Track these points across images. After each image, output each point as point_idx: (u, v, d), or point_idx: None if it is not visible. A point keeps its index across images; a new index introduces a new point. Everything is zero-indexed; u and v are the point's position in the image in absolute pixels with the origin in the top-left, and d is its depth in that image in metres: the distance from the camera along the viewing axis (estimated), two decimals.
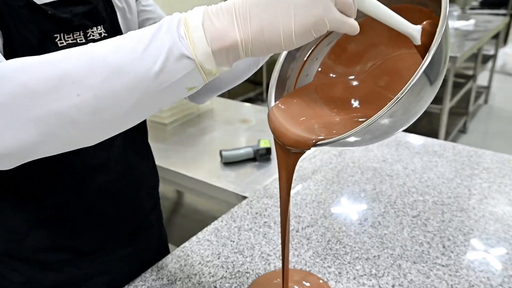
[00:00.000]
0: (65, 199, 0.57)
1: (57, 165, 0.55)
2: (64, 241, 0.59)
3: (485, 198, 0.88)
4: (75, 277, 0.61)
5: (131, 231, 0.66)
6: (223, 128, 1.34)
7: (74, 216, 0.58)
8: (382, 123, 0.41)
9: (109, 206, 0.61)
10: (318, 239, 0.76)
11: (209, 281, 0.67)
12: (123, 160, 0.61)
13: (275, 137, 0.49)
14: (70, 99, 0.32)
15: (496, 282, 0.65)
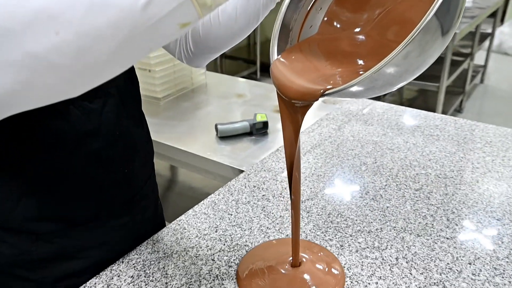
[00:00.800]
0: (54, 167, 0.54)
1: (45, 131, 0.51)
2: (55, 211, 0.56)
3: (489, 171, 0.86)
4: (67, 248, 0.58)
5: (125, 201, 0.63)
6: (218, 103, 1.30)
7: (65, 185, 0.55)
8: (391, 70, 0.39)
9: (101, 174, 0.58)
10: (318, 212, 0.74)
11: (207, 254, 0.64)
12: (116, 126, 0.58)
13: (279, 92, 0.46)
14: (48, 38, 0.28)
15: (502, 254, 0.63)
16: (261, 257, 0.64)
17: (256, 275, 0.60)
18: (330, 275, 0.61)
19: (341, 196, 0.78)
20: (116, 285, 0.58)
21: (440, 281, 0.59)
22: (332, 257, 0.64)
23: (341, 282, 0.59)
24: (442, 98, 2.48)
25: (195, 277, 0.60)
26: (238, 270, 0.61)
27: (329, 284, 0.59)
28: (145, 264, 0.62)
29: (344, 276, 0.60)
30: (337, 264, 0.62)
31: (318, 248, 0.66)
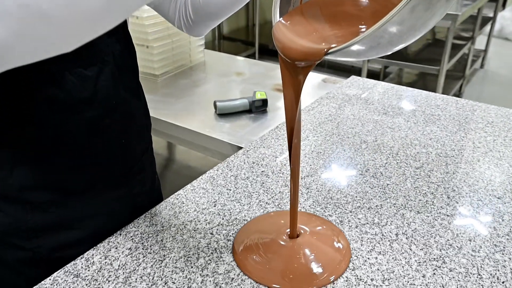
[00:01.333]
0: (49, 135, 0.52)
1: (40, 97, 0.50)
2: (51, 180, 0.55)
3: (490, 151, 0.85)
4: (63, 218, 0.57)
5: (121, 173, 0.62)
6: (217, 81, 1.29)
7: (60, 154, 0.54)
8: (396, 26, 0.37)
9: (98, 143, 0.57)
10: (318, 188, 0.73)
11: (205, 228, 0.63)
12: (112, 96, 0.56)
13: (282, 54, 0.45)
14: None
15: (503, 232, 0.63)
16: (257, 229, 0.64)
17: (252, 248, 0.60)
18: (332, 248, 0.61)
19: (341, 173, 0.78)
20: (113, 256, 0.58)
21: (440, 256, 0.58)
22: (337, 230, 0.64)
23: (346, 256, 0.59)
24: (442, 81, 2.47)
25: (194, 250, 0.59)
26: (234, 243, 0.60)
27: (332, 257, 0.59)
28: (143, 236, 0.61)
29: (349, 250, 0.60)
30: (342, 238, 0.62)
31: (321, 221, 0.66)
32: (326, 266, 0.57)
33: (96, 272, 0.55)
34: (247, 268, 0.56)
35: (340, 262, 0.58)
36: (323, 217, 0.66)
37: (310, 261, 0.59)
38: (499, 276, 0.55)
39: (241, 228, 0.64)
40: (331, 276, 0.55)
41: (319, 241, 0.63)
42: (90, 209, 0.59)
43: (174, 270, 0.56)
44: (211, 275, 0.55)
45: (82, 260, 0.57)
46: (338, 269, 0.56)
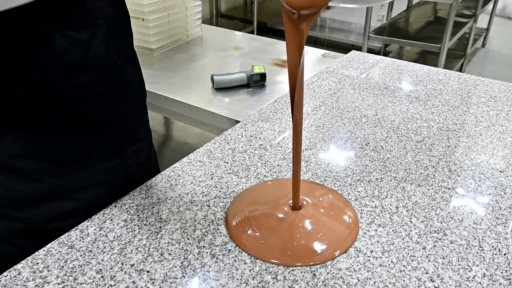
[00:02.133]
0: (40, 100, 0.50)
1: (30, 60, 0.48)
2: (42, 148, 0.53)
3: (493, 125, 0.83)
4: (56, 188, 0.56)
5: (116, 143, 0.60)
6: (214, 55, 1.26)
7: (52, 120, 0.52)
8: None
9: (91, 111, 0.55)
10: (317, 161, 0.72)
11: (202, 200, 0.62)
12: (106, 61, 0.54)
13: (286, 4, 0.43)
14: None
15: (505, 204, 0.62)
16: (254, 199, 0.62)
17: (248, 220, 0.58)
18: (339, 221, 0.59)
19: (340, 146, 0.76)
20: (108, 228, 0.57)
21: (440, 229, 0.57)
22: (344, 201, 0.62)
23: (353, 231, 0.57)
24: (444, 59, 2.43)
25: (190, 222, 0.58)
26: (227, 214, 0.59)
27: (338, 232, 0.57)
28: (138, 208, 0.60)
29: (357, 223, 0.58)
30: (350, 210, 0.61)
31: (326, 190, 0.65)
32: (331, 240, 0.56)
33: (91, 243, 0.54)
34: (243, 243, 0.55)
35: (347, 236, 0.56)
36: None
37: (314, 235, 0.57)
38: (501, 248, 0.54)
39: (236, 198, 0.62)
40: (336, 251, 0.54)
41: (324, 213, 0.61)
42: (84, 180, 0.58)
43: (170, 242, 0.55)
44: (208, 246, 0.54)
45: (76, 231, 0.56)
46: (344, 244, 0.55)
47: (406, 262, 0.52)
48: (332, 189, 0.65)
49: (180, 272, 0.50)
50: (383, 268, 0.51)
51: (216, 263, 0.52)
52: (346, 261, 0.52)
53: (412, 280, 0.50)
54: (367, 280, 0.50)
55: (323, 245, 0.55)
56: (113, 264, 0.51)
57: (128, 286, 0.49)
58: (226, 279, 0.50)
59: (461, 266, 0.52)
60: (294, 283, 0.49)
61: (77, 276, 0.49)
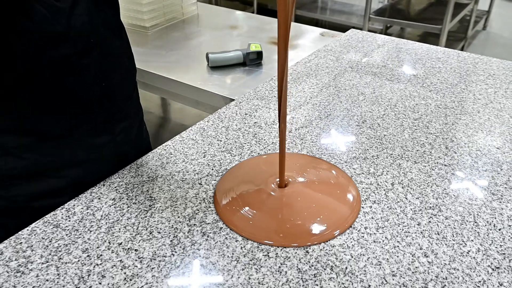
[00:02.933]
0: (22, 71, 0.49)
1: (8, 30, 0.46)
2: (23, 123, 0.51)
3: (491, 102, 0.82)
4: (40, 165, 0.54)
5: (104, 119, 0.59)
6: (210, 34, 1.24)
7: (33, 93, 0.51)
8: None
9: (74, 85, 0.53)
10: (312, 139, 0.70)
11: (194, 178, 0.61)
12: (90, 33, 0.52)
13: None
14: None
15: (501, 180, 0.61)
16: (242, 176, 0.61)
17: (234, 198, 0.57)
18: (337, 199, 0.58)
19: (336, 124, 0.75)
20: (96, 207, 0.55)
21: (436, 205, 0.56)
22: (346, 178, 0.61)
23: (354, 211, 0.55)
24: (444, 41, 2.40)
25: (181, 200, 0.57)
26: (215, 192, 0.58)
27: (334, 211, 0.56)
28: (127, 187, 0.59)
29: (359, 203, 0.57)
30: (352, 188, 0.59)
31: (327, 165, 0.63)
32: (324, 219, 0.54)
33: (77, 222, 0.53)
34: (233, 223, 0.54)
35: (346, 215, 0.54)
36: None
37: (300, 214, 0.56)
38: (496, 224, 0.53)
39: (224, 175, 0.61)
40: (330, 231, 0.52)
41: (320, 190, 0.60)
42: (70, 157, 0.57)
43: (160, 220, 0.54)
44: (199, 224, 0.53)
45: (62, 210, 0.55)
46: (337, 224, 0.53)
47: (400, 238, 0.51)
48: (335, 165, 0.64)
49: (169, 251, 0.50)
50: (377, 244, 0.50)
51: (207, 241, 0.51)
52: (340, 237, 0.51)
53: (406, 255, 0.49)
54: (361, 257, 0.49)
55: (312, 225, 0.54)
56: (100, 243, 0.50)
57: (115, 265, 0.48)
58: (216, 257, 0.49)
59: (455, 241, 0.51)
60: (286, 260, 0.49)
61: (62, 256, 0.49)
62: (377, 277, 0.46)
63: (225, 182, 0.60)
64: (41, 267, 0.47)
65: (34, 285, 0.45)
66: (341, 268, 0.47)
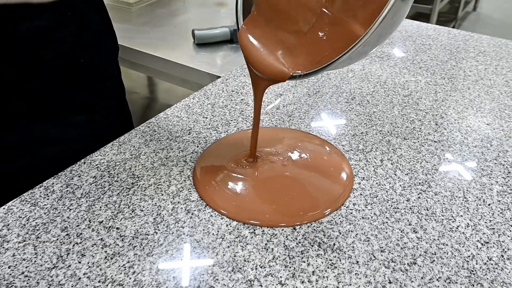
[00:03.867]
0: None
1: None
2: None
3: (481, 79, 0.81)
4: (11, 143, 0.52)
5: (82, 97, 0.56)
6: (197, 10, 1.20)
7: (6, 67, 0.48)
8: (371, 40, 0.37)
9: (47, 58, 0.50)
10: (300, 116, 0.69)
11: (178, 156, 0.59)
12: (66, 5, 0.49)
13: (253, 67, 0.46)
14: None
15: (491, 156, 0.60)
16: (223, 152, 0.60)
17: (211, 173, 0.56)
18: (330, 178, 0.57)
19: (325, 101, 0.73)
20: (76, 185, 0.54)
21: (425, 181, 0.55)
22: (340, 155, 0.60)
23: (347, 189, 0.54)
24: (435, 21, 2.39)
25: (165, 177, 0.55)
26: (195, 168, 0.57)
27: (329, 192, 0.54)
28: (109, 165, 0.57)
29: (352, 181, 0.55)
30: (345, 164, 0.58)
31: (319, 141, 0.62)
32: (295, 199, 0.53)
33: (56, 200, 0.51)
34: (210, 202, 0.52)
35: (339, 196, 0.53)
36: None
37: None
38: (485, 199, 0.53)
39: (203, 152, 0.59)
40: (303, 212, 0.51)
41: (311, 167, 0.58)
42: (43, 135, 0.54)
43: (142, 198, 0.52)
44: (183, 202, 0.52)
45: (40, 188, 0.53)
46: (332, 203, 0.52)
47: (389, 214, 0.50)
48: (327, 142, 0.62)
49: (152, 229, 0.48)
50: (365, 220, 0.49)
51: (191, 219, 0.49)
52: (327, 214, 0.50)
53: (394, 231, 0.48)
54: (349, 233, 0.48)
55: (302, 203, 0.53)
56: (80, 222, 0.48)
57: (95, 243, 0.46)
58: (201, 234, 0.47)
59: (444, 217, 0.50)
60: (273, 237, 0.47)
61: (40, 235, 0.47)
62: (365, 253, 0.45)
63: (205, 160, 0.58)
64: (17, 246, 0.45)
65: (10, 264, 0.43)
66: (329, 245, 0.46)
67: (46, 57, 0.50)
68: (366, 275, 0.43)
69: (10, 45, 0.47)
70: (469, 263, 0.44)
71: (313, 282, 0.42)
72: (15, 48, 0.48)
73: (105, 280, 0.42)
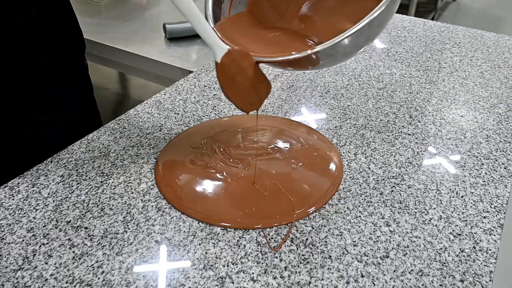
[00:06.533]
0: None
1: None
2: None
3: (456, 71, 0.81)
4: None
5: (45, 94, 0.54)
6: (169, 3, 1.18)
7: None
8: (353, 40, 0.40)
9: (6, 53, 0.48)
10: (274, 110, 0.68)
11: (149, 153, 0.58)
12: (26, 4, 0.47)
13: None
14: None
15: (465, 148, 0.60)
16: (186, 148, 0.58)
17: (171, 168, 0.55)
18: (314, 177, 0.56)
19: (299, 95, 0.72)
20: (43, 184, 0.52)
21: (399, 174, 0.55)
22: (327, 143, 0.60)
23: (335, 183, 0.53)
24: (413, 12, 2.41)
25: (135, 175, 0.54)
26: (157, 161, 0.56)
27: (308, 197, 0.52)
28: (77, 163, 0.55)
29: (341, 173, 0.55)
30: (334, 154, 0.58)
31: (306, 129, 0.62)
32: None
33: (22, 201, 0.49)
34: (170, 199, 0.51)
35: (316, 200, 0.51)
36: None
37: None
38: (458, 191, 0.53)
39: (165, 146, 0.58)
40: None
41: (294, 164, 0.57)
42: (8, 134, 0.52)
43: (112, 196, 0.51)
44: (154, 200, 0.50)
45: (5, 189, 0.51)
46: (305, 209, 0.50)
47: (362, 208, 0.50)
48: (317, 131, 0.63)
49: (122, 227, 0.47)
50: (338, 215, 0.49)
51: (162, 217, 0.48)
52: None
53: (367, 225, 0.48)
54: (322, 228, 0.47)
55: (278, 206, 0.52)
56: (47, 222, 0.47)
57: (63, 243, 0.45)
58: (172, 232, 0.46)
59: (417, 209, 0.50)
60: (245, 233, 0.47)
61: (4, 236, 0.45)
62: (338, 247, 0.45)
63: (167, 155, 0.57)
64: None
65: None
66: (302, 240, 0.46)
67: (10, 60, 0.48)
68: (339, 269, 0.43)
69: None
70: (441, 255, 0.44)
71: (285, 277, 0.42)
72: None
73: (73, 280, 0.41)
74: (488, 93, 0.74)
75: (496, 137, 0.63)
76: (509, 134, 0.63)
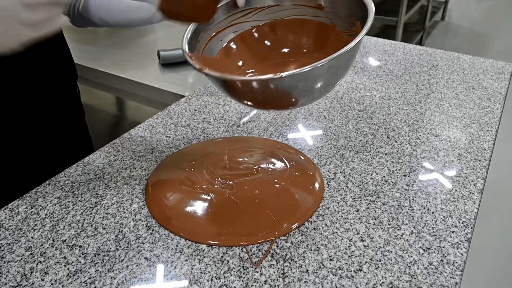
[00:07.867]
0: None
1: None
2: None
3: (432, 92, 0.86)
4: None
5: (35, 121, 0.57)
6: (163, 31, 1.23)
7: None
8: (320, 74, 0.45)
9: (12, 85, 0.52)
10: (260, 133, 0.72)
11: (141, 175, 0.62)
12: None
13: None
14: None
15: (437, 166, 0.64)
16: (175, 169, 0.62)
17: (160, 188, 0.58)
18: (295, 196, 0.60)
19: (283, 117, 0.77)
20: (40, 206, 0.55)
21: (375, 192, 0.59)
22: (311, 164, 0.64)
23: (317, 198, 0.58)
24: (401, 32, 2.47)
25: (127, 196, 0.58)
26: (147, 183, 0.59)
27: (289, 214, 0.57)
28: (73, 185, 0.59)
29: (322, 192, 0.59)
30: (316, 174, 0.62)
31: (293, 151, 0.65)
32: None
33: (21, 221, 0.53)
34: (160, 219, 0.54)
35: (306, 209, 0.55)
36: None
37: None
38: (429, 207, 0.56)
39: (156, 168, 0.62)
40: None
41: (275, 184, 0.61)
42: (4, 159, 0.56)
43: (105, 216, 0.54)
44: (144, 219, 0.54)
45: (5, 210, 0.54)
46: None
47: (339, 225, 0.53)
48: (300, 151, 0.66)
49: (113, 245, 0.50)
50: (316, 231, 0.53)
51: (152, 235, 0.52)
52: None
53: (343, 240, 0.51)
54: (300, 243, 0.51)
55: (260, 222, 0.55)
56: (44, 241, 0.50)
57: (58, 261, 0.48)
58: (161, 249, 0.50)
59: (391, 225, 0.54)
60: (229, 249, 0.50)
61: (4, 255, 0.48)
62: (315, 262, 0.48)
63: (156, 176, 0.61)
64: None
65: None
66: (281, 255, 0.49)
67: (4, 83, 0.52)
68: (315, 282, 0.46)
69: None
70: (411, 268, 0.48)
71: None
72: None
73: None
74: (462, 113, 0.78)
75: (467, 156, 0.67)
76: (479, 153, 0.67)
